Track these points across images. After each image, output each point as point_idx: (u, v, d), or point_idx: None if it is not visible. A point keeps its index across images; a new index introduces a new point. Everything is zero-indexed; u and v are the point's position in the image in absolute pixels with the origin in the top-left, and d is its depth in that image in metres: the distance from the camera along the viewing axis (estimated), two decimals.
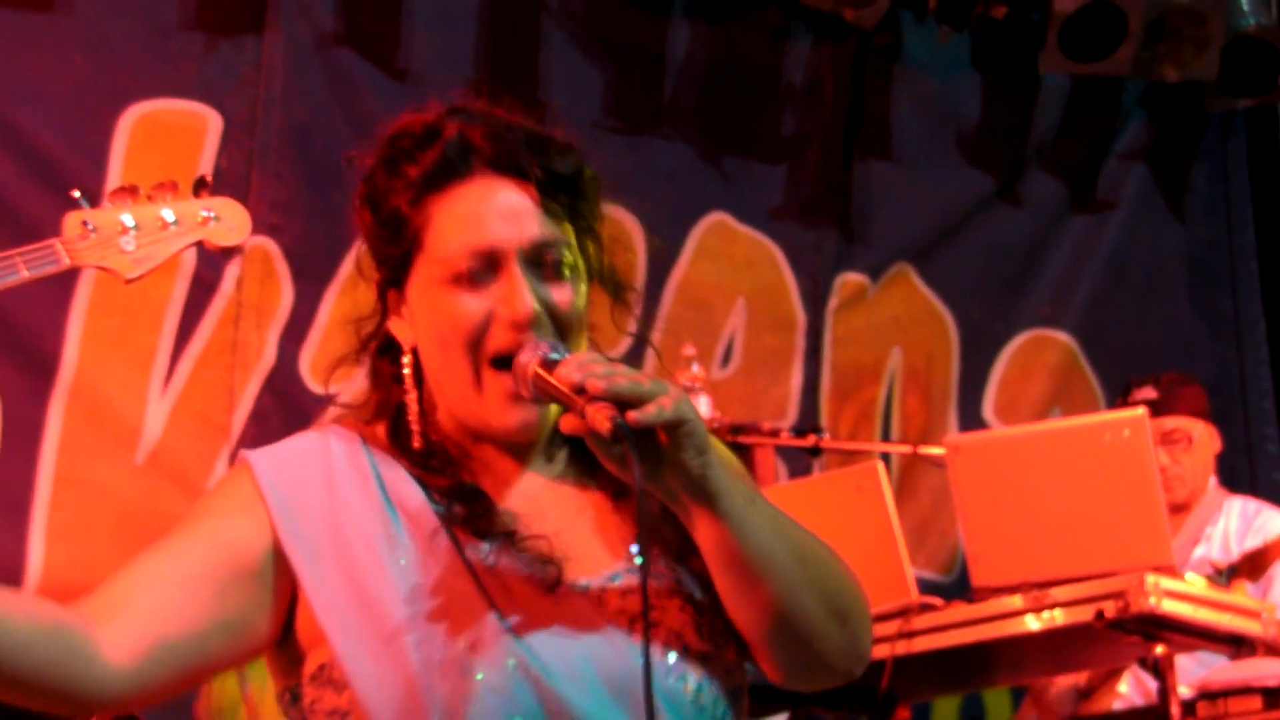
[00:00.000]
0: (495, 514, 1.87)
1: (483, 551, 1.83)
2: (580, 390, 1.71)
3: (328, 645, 1.82)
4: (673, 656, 1.79)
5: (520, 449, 1.92)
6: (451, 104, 1.94)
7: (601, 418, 1.68)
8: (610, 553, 1.86)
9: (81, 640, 1.75)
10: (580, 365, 1.73)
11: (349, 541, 1.85)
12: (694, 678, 1.80)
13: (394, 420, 1.95)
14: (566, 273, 1.87)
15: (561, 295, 1.86)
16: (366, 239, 1.96)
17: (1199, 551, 5.00)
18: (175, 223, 2.30)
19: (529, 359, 1.80)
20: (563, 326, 1.85)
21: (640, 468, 1.69)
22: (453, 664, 1.76)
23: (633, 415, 1.68)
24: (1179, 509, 5.01)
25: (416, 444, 1.92)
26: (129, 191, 2.30)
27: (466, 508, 1.87)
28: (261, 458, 1.90)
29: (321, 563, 1.84)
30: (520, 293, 1.83)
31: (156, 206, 2.29)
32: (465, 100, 1.95)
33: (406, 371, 1.93)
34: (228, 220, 2.32)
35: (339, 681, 1.82)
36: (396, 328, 1.94)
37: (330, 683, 1.83)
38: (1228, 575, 4.54)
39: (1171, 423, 5.06)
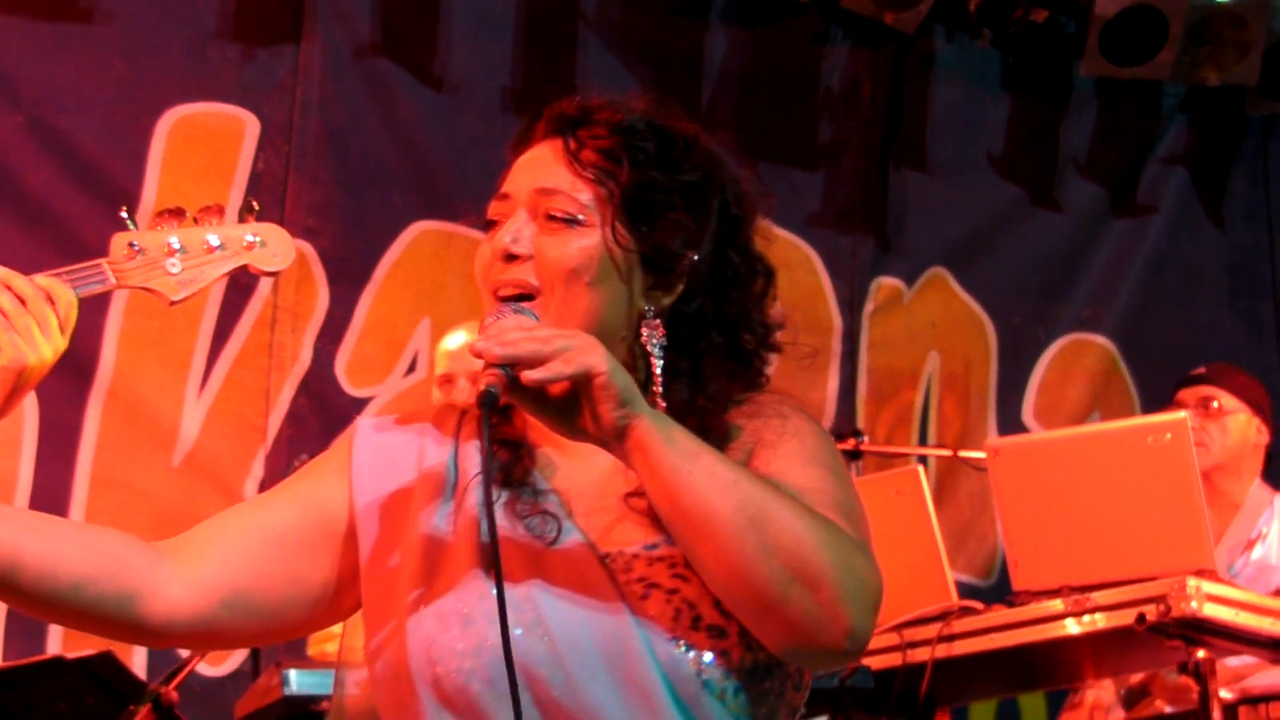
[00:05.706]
0: (519, 464, 1.89)
1: (500, 500, 1.85)
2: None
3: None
4: (677, 629, 1.75)
5: None
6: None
7: (481, 385, 1.69)
8: (656, 523, 1.82)
9: (147, 576, 1.81)
10: (493, 332, 1.74)
11: (414, 515, 1.88)
12: (700, 651, 1.75)
13: None
14: (568, 222, 1.87)
15: (554, 242, 1.87)
16: None
17: (1257, 553, 4.90)
18: (220, 246, 2.30)
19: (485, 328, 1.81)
20: (549, 272, 1.86)
21: (560, 425, 1.71)
22: (444, 646, 1.77)
23: (526, 375, 1.67)
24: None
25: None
26: (175, 214, 2.31)
27: (506, 456, 1.90)
28: (367, 426, 1.97)
29: (381, 534, 1.88)
30: (502, 230, 1.88)
31: (202, 230, 2.30)
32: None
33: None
34: (272, 245, 2.33)
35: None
36: None
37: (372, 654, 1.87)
38: None
39: (1207, 390, 4.96)
